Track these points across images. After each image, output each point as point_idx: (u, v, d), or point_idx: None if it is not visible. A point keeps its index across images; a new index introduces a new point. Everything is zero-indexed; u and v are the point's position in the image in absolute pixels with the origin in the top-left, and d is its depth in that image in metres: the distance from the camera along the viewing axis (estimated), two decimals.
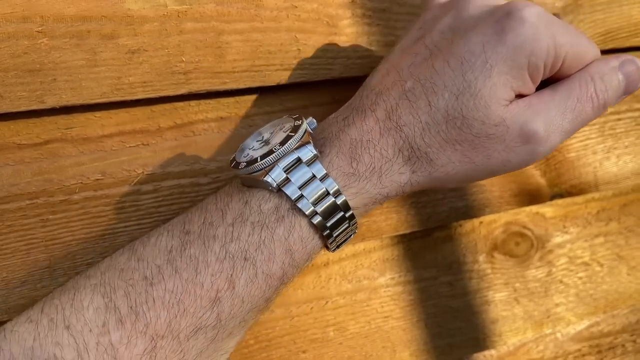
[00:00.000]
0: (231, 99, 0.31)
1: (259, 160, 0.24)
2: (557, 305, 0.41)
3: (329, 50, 0.32)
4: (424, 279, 0.38)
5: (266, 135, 0.27)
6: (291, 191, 0.24)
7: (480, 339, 0.39)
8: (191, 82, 0.30)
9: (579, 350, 0.42)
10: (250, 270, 0.24)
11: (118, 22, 0.28)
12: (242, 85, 0.31)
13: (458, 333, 0.38)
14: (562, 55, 0.25)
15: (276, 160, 0.24)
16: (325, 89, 0.33)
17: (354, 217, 0.26)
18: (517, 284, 0.40)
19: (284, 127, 0.26)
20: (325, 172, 0.25)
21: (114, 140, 0.29)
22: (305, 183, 0.24)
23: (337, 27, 0.32)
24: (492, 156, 0.25)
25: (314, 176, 0.24)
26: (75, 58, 0.27)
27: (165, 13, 0.29)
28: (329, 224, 0.25)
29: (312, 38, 0.32)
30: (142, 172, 0.30)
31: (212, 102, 0.31)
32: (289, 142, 0.24)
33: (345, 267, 0.36)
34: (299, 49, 0.32)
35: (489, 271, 0.39)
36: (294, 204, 0.24)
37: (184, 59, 0.29)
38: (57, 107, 0.28)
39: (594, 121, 0.41)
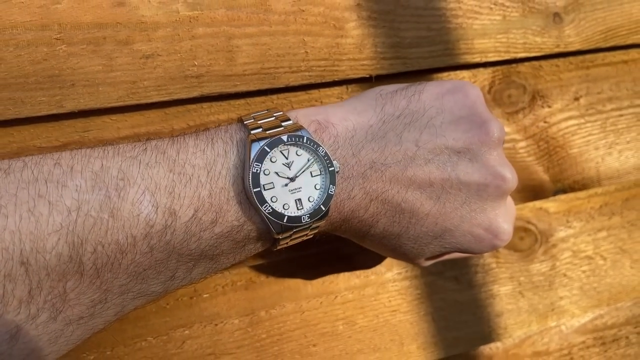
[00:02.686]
0: (242, 101, 0.32)
1: (284, 221, 0.24)
2: (561, 298, 0.42)
3: (336, 52, 0.33)
4: (430, 273, 0.39)
5: (292, 157, 0.25)
6: (283, 237, 0.25)
7: (486, 331, 0.40)
8: (203, 85, 0.31)
9: (584, 342, 0.43)
10: (210, 264, 0.25)
11: (133, 28, 0.29)
12: (252, 88, 0.32)
13: (464, 326, 0.39)
14: None
15: (296, 232, 0.25)
16: (333, 89, 0.34)
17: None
18: (522, 278, 0.41)
19: (313, 164, 0.25)
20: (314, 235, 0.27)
21: (129, 142, 0.30)
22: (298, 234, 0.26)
23: (344, 30, 0.33)
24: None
25: (309, 233, 0.27)
26: (93, 64, 0.28)
27: (178, 19, 0.30)
28: (288, 242, 0.27)
29: (319, 40, 0.33)
30: None
31: (224, 104, 0.32)
32: (318, 217, 0.25)
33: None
34: (306, 52, 0.32)
35: (493, 265, 0.40)
36: (277, 240, 0.26)
37: (196, 63, 0.30)
38: (76, 111, 0.29)
39: (596, 117, 0.42)
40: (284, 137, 0.25)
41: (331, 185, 0.25)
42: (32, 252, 0.20)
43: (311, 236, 0.27)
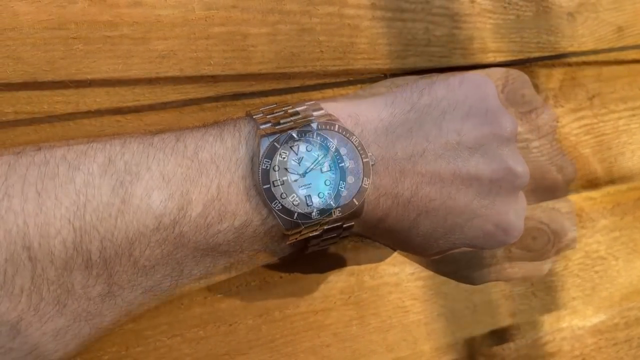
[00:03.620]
0: (257, 100, 0.32)
1: (294, 217, 0.24)
2: (573, 298, 0.42)
3: (350, 52, 0.33)
4: (442, 273, 0.38)
5: (301, 153, 0.25)
6: (292, 233, 0.25)
7: (498, 332, 0.40)
8: (219, 85, 0.31)
9: (596, 343, 0.43)
10: (219, 259, 0.25)
11: (149, 27, 0.29)
12: (267, 88, 0.32)
13: (477, 326, 0.39)
14: None
15: (306, 228, 0.25)
16: (348, 89, 0.34)
17: None
18: (534, 278, 0.41)
19: (323, 160, 0.25)
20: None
21: (138, 134, 0.30)
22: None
23: (358, 29, 0.33)
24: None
25: (318, 228, 0.26)
26: (109, 63, 0.28)
27: (194, 18, 0.30)
28: (297, 237, 0.26)
29: (333, 40, 0.33)
30: None
31: (239, 103, 0.32)
32: (327, 214, 0.25)
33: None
34: (321, 51, 0.32)
35: (506, 265, 0.40)
36: (286, 235, 0.25)
37: (212, 62, 0.30)
38: (92, 110, 0.29)
39: (609, 117, 0.42)
40: (294, 133, 0.24)
41: (341, 182, 0.25)
42: (35, 237, 0.20)
43: (320, 231, 0.27)
